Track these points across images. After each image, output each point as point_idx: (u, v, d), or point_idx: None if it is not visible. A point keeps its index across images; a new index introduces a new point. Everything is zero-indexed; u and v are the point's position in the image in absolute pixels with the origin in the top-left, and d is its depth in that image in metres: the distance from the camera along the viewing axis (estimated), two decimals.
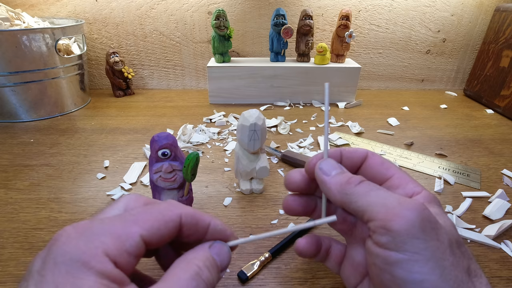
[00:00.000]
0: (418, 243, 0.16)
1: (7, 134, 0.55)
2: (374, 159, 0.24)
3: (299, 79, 0.69)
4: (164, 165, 0.30)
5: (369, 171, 0.24)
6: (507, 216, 0.37)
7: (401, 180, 0.22)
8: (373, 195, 0.19)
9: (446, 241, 0.17)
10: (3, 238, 0.33)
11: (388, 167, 0.23)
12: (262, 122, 0.35)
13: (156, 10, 0.73)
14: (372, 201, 0.19)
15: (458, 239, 0.19)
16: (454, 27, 0.78)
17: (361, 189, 0.20)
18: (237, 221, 0.35)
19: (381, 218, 0.18)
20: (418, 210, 0.17)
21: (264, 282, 0.28)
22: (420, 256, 0.16)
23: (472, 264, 0.18)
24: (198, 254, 0.18)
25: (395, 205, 0.18)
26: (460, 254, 0.18)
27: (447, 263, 0.17)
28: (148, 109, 0.67)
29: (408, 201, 0.18)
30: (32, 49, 0.55)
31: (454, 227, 0.19)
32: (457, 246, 0.18)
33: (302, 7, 0.73)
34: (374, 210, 0.18)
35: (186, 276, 0.16)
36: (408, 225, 0.17)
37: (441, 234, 0.17)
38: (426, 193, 0.21)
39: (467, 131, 0.59)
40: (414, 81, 0.85)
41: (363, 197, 0.19)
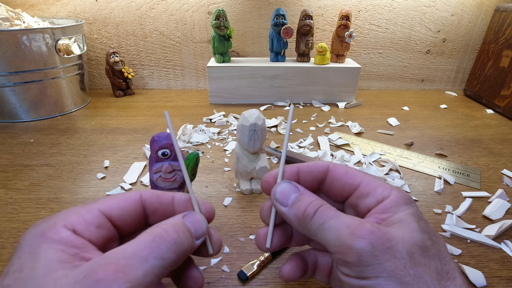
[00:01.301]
0: (374, 268, 0.17)
1: (7, 134, 0.55)
2: (337, 170, 0.23)
3: (299, 79, 0.69)
4: (164, 165, 0.30)
5: (335, 184, 0.23)
6: (507, 216, 0.37)
7: (369, 187, 0.22)
8: (327, 227, 0.19)
9: (405, 255, 0.17)
10: (3, 238, 0.33)
11: (353, 176, 0.23)
12: (262, 122, 0.35)
13: (156, 10, 0.73)
14: (327, 235, 0.19)
15: (423, 244, 0.18)
16: (454, 27, 0.78)
17: (316, 222, 0.19)
18: (237, 221, 0.35)
19: (338, 252, 0.18)
20: (367, 237, 0.17)
21: (264, 282, 0.28)
22: (379, 279, 0.17)
23: (446, 265, 0.18)
24: (168, 221, 0.19)
25: (346, 236, 0.18)
26: (426, 260, 0.17)
27: (409, 278, 0.17)
28: (148, 109, 0.67)
29: (359, 229, 0.18)
30: (32, 49, 0.55)
31: (417, 231, 0.18)
32: (422, 253, 0.18)
33: (302, 7, 0.73)
34: (331, 245, 0.19)
35: (148, 238, 0.17)
36: (360, 255, 0.17)
37: (398, 251, 0.17)
38: (395, 195, 0.21)
39: (467, 131, 0.59)
40: (414, 81, 0.85)
41: (319, 231, 0.19)
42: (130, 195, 0.20)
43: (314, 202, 0.20)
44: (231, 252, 0.31)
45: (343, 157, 0.47)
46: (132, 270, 0.15)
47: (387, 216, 0.20)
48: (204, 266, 0.30)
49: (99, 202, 0.19)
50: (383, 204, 0.21)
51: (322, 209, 0.20)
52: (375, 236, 0.17)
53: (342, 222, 0.19)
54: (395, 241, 0.18)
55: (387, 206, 0.20)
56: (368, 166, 0.46)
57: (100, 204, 0.19)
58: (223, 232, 0.34)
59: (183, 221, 0.19)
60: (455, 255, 0.31)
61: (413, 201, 0.21)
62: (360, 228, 0.18)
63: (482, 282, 0.28)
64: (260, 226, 0.35)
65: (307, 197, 0.21)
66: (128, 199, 0.20)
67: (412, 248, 0.17)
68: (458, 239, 0.33)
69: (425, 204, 0.39)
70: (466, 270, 0.29)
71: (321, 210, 0.20)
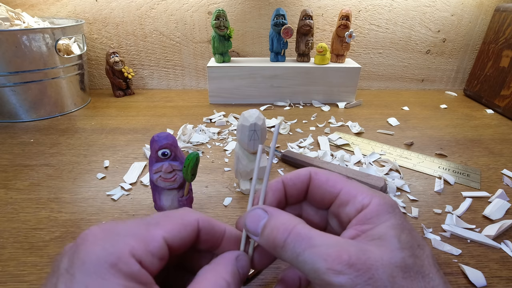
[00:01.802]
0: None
1: (7, 134, 0.55)
2: (318, 178, 0.22)
3: (299, 79, 0.69)
4: (164, 165, 0.30)
5: (316, 192, 0.22)
6: (507, 216, 0.37)
7: (349, 195, 0.21)
8: (302, 261, 0.17)
9: (386, 282, 0.16)
10: (3, 238, 0.33)
11: (334, 184, 0.22)
12: (262, 122, 0.35)
13: (156, 10, 0.73)
14: (304, 269, 0.17)
15: (403, 264, 0.17)
16: (454, 27, 0.78)
17: (288, 254, 0.18)
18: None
19: (318, 284, 0.17)
20: (347, 273, 0.16)
21: (264, 282, 0.28)
22: None
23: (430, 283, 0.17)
24: (227, 267, 0.19)
25: (324, 271, 0.17)
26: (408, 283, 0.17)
27: None
28: (148, 109, 0.67)
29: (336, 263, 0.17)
30: (32, 49, 0.55)
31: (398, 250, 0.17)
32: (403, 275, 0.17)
33: (302, 7, 0.73)
34: (311, 277, 0.17)
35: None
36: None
37: (378, 279, 0.16)
38: (376, 203, 0.20)
39: (467, 131, 0.59)
40: (414, 81, 0.85)
41: (295, 263, 0.18)
42: (189, 221, 0.19)
43: (282, 227, 0.19)
44: None
45: (343, 157, 0.47)
46: None
47: (367, 228, 0.19)
48: None
49: (162, 227, 0.18)
50: (364, 214, 0.20)
51: (292, 236, 0.18)
52: (354, 269, 0.16)
53: (317, 254, 0.17)
54: (375, 268, 0.17)
55: (367, 217, 0.19)
56: (368, 166, 0.46)
57: (164, 230, 0.18)
58: None
59: (237, 268, 0.19)
60: (455, 255, 0.31)
61: (396, 208, 0.20)
62: (338, 261, 0.17)
63: (482, 282, 0.28)
64: None
65: (276, 221, 0.19)
66: (187, 227, 0.19)
67: (392, 272, 0.17)
68: (458, 239, 0.33)
69: (425, 204, 0.39)
70: (466, 270, 0.29)
71: (291, 239, 0.18)
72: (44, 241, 0.32)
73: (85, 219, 0.35)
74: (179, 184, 0.31)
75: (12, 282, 0.28)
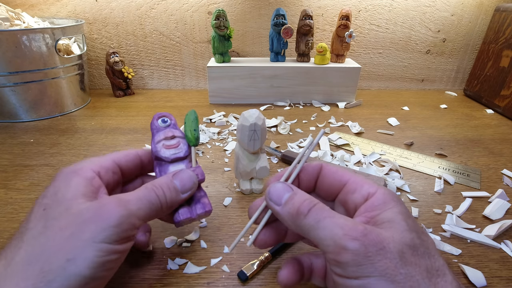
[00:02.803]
0: (366, 268, 0.17)
1: (7, 134, 0.55)
2: (328, 169, 0.25)
3: (299, 79, 0.69)
4: (166, 131, 0.30)
5: (325, 181, 0.25)
6: (507, 216, 0.37)
7: (356, 184, 0.23)
8: (321, 227, 0.19)
9: (396, 255, 0.18)
10: (3, 238, 0.33)
11: (342, 174, 0.24)
12: (262, 122, 0.35)
13: (156, 10, 0.73)
14: (321, 234, 0.19)
15: (412, 243, 0.18)
16: (454, 27, 0.78)
17: (309, 220, 0.20)
18: (237, 221, 0.35)
19: (331, 251, 0.19)
20: (360, 239, 0.18)
21: (264, 282, 0.28)
22: (371, 279, 0.17)
23: (435, 263, 0.18)
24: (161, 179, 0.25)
25: (340, 236, 0.18)
26: (416, 259, 0.18)
27: (400, 277, 0.17)
28: (148, 109, 0.67)
29: (352, 230, 0.18)
30: (32, 49, 0.55)
31: (407, 231, 0.19)
32: (412, 253, 0.18)
33: (302, 7, 0.73)
34: (325, 244, 0.19)
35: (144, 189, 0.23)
36: (354, 255, 0.18)
37: (389, 251, 0.18)
38: (381, 192, 0.22)
39: (467, 131, 0.59)
40: (414, 81, 0.85)
41: (313, 229, 0.20)
42: (130, 151, 0.28)
43: (307, 201, 0.21)
44: (231, 252, 0.31)
45: (343, 157, 0.47)
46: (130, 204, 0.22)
47: (375, 214, 0.20)
48: (204, 266, 0.30)
49: (111, 155, 0.27)
50: (371, 202, 0.21)
51: (316, 208, 0.20)
52: (367, 238, 0.18)
53: (336, 223, 0.19)
54: (386, 242, 0.18)
55: (375, 204, 0.21)
56: (368, 166, 0.45)
57: (112, 156, 0.27)
58: (223, 232, 0.34)
59: (172, 180, 0.25)
60: (455, 255, 0.31)
61: (399, 199, 0.22)
62: (354, 230, 0.18)
63: (482, 282, 0.28)
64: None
65: (300, 196, 0.21)
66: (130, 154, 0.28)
67: (402, 248, 0.18)
68: (458, 239, 0.33)
69: (425, 204, 0.39)
70: (466, 270, 0.29)
71: (315, 209, 0.20)
72: None
73: None
74: (184, 152, 0.29)
75: None
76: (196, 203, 0.27)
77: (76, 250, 0.18)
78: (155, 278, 0.28)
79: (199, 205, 0.27)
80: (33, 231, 0.19)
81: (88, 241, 0.19)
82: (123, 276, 0.28)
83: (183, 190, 0.25)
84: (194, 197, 0.28)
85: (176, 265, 0.30)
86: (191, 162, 0.29)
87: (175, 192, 0.25)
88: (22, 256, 0.18)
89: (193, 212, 0.27)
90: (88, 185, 0.22)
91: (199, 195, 0.28)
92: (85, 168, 0.23)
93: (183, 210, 0.26)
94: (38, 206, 0.21)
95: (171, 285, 0.28)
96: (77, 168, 0.23)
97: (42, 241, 0.19)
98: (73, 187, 0.22)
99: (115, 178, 0.26)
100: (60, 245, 0.18)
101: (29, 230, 0.20)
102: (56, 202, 0.21)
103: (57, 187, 0.22)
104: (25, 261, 0.18)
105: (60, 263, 0.18)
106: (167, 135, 0.29)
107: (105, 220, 0.20)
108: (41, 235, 0.19)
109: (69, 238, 0.19)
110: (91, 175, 0.23)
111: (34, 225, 0.20)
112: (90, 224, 0.19)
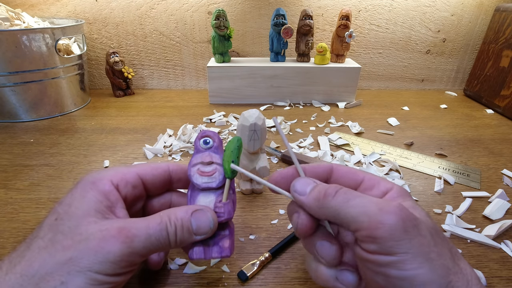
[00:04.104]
0: (404, 244, 0.17)
1: (7, 134, 0.55)
2: (341, 169, 0.25)
3: (299, 79, 0.69)
4: (204, 154, 0.26)
5: (340, 181, 0.24)
6: (507, 216, 0.37)
7: (373, 181, 0.23)
8: (353, 205, 0.19)
9: (428, 234, 0.18)
10: (3, 238, 0.33)
11: (356, 172, 0.24)
12: (262, 122, 0.35)
13: (156, 10, 0.73)
14: (353, 211, 0.19)
15: (435, 227, 0.20)
16: (454, 27, 0.78)
17: (339, 200, 0.20)
18: (237, 221, 0.35)
19: (366, 228, 0.18)
20: (397, 213, 0.18)
21: (264, 282, 0.28)
22: (408, 255, 0.17)
23: (453, 248, 0.19)
24: (179, 212, 0.23)
25: (375, 212, 0.18)
26: (441, 241, 0.19)
27: (433, 254, 0.18)
28: (148, 109, 0.67)
29: (387, 206, 0.19)
30: (32, 49, 0.55)
31: (429, 217, 0.20)
32: (437, 235, 0.19)
33: (302, 7, 0.73)
34: (358, 221, 0.19)
35: (157, 221, 0.22)
36: (392, 230, 0.18)
37: (422, 229, 0.18)
38: (397, 188, 0.22)
39: (467, 131, 0.59)
40: (414, 81, 0.85)
41: (343, 208, 0.20)
42: (160, 166, 0.26)
43: (333, 186, 0.21)
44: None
45: (343, 157, 0.47)
46: (136, 240, 0.20)
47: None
48: (204, 266, 0.30)
49: (137, 167, 0.25)
50: (390, 196, 0.22)
51: (344, 189, 0.21)
52: (404, 213, 0.18)
53: (368, 200, 0.19)
54: (419, 221, 0.19)
55: (394, 196, 0.22)
56: (368, 166, 0.46)
57: (138, 169, 0.25)
58: None
59: (190, 218, 0.23)
60: None
61: (411, 196, 0.23)
62: (389, 205, 0.19)
63: (482, 282, 0.28)
64: (260, 225, 0.35)
65: (324, 186, 0.22)
66: (158, 169, 0.26)
67: (430, 229, 0.19)
68: (458, 239, 0.34)
69: (425, 204, 0.39)
70: None
71: (343, 190, 0.21)
72: None
73: None
74: (217, 182, 0.26)
75: None
76: (214, 244, 0.24)
77: (70, 275, 0.19)
78: (155, 278, 0.28)
79: (217, 248, 0.24)
80: (40, 242, 0.20)
81: (84, 269, 0.19)
82: None
83: (198, 232, 0.23)
84: (216, 235, 0.25)
85: (176, 265, 0.30)
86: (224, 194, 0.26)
87: (188, 234, 0.23)
88: (22, 267, 0.19)
89: (208, 253, 0.24)
90: (103, 200, 0.22)
91: (222, 234, 0.25)
92: (105, 179, 0.23)
93: (198, 249, 0.24)
94: (53, 213, 0.21)
95: (171, 285, 0.28)
96: (96, 178, 0.23)
97: (44, 257, 0.19)
98: (87, 201, 0.21)
99: (135, 193, 0.24)
100: (59, 266, 0.19)
101: (37, 239, 0.20)
102: (67, 215, 0.21)
103: (73, 197, 0.22)
104: (24, 273, 0.19)
105: (55, 283, 0.18)
106: (204, 160, 0.26)
107: (105, 255, 0.19)
108: (45, 250, 0.19)
109: (68, 261, 0.19)
110: (109, 188, 0.22)
111: (43, 234, 0.20)
112: (90, 253, 0.19)
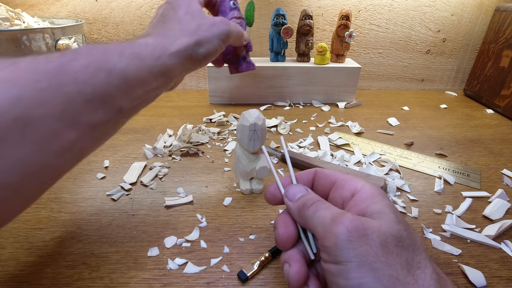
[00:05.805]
0: (347, 253, 0.18)
1: None
2: (321, 172, 0.27)
3: (299, 79, 0.69)
4: (235, 12, 0.42)
5: (320, 183, 0.27)
6: (507, 216, 0.37)
7: (344, 181, 0.25)
8: (317, 216, 0.21)
9: (377, 244, 0.18)
10: (3, 238, 0.33)
11: (332, 174, 0.26)
12: (262, 122, 0.35)
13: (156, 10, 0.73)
14: (316, 222, 0.21)
15: (399, 234, 0.19)
16: (454, 27, 0.78)
17: (310, 211, 0.22)
18: (237, 221, 0.35)
19: (320, 237, 0.20)
20: (345, 223, 0.19)
21: (264, 282, 0.28)
22: (352, 264, 0.18)
23: (418, 256, 0.19)
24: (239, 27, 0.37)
25: (328, 222, 0.20)
26: (399, 250, 0.19)
27: (380, 264, 0.18)
28: (148, 109, 0.67)
29: (340, 217, 0.20)
30: (32, 49, 0.55)
31: (395, 223, 0.20)
32: (396, 243, 0.19)
33: (302, 7, 0.73)
34: (317, 231, 0.21)
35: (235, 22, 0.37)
36: (336, 239, 0.19)
37: (371, 239, 0.19)
38: (368, 187, 0.23)
39: (467, 131, 0.59)
40: (414, 81, 0.85)
41: (311, 218, 0.22)
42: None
43: (314, 198, 0.23)
44: (231, 252, 0.31)
45: (343, 157, 0.47)
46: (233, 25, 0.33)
47: (364, 206, 0.22)
48: (204, 266, 0.30)
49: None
50: (359, 196, 0.23)
51: (318, 202, 0.23)
52: (351, 223, 0.19)
53: (329, 211, 0.21)
54: (370, 230, 0.19)
55: (363, 197, 0.22)
56: (368, 166, 0.46)
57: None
58: (223, 232, 0.34)
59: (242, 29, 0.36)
60: (455, 255, 0.31)
61: (385, 194, 0.23)
62: (341, 216, 0.20)
63: (482, 282, 0.28)
64: (260, 225, 0.35)
65: (311, 196, 0.24)
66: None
67: (387, 238, 0.19)
68: (458, 239, 0.34)
69: (425, 204, 0.39)
70: (466, 270, 0.29)
71: (317, 203, 0.23)
72: (44, 241, 0.32)
73: (85, 219, 0.35)
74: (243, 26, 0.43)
75: (12, 282, 0.28)
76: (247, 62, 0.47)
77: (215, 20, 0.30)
78: (155, 278, 0.28)
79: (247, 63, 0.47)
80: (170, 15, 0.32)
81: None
82: (123, 276, 0.28)
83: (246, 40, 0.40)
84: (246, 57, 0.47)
85: (176, 265, 0.30)
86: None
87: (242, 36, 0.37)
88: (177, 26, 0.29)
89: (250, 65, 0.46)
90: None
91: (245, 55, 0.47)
92: None
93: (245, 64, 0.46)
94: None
95: (171, 285, 0.28)
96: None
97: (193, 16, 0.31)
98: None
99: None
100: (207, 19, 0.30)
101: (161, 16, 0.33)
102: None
103: None
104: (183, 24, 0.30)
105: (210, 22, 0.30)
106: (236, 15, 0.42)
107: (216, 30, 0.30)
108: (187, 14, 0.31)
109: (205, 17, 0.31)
110: None
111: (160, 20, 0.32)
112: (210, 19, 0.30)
